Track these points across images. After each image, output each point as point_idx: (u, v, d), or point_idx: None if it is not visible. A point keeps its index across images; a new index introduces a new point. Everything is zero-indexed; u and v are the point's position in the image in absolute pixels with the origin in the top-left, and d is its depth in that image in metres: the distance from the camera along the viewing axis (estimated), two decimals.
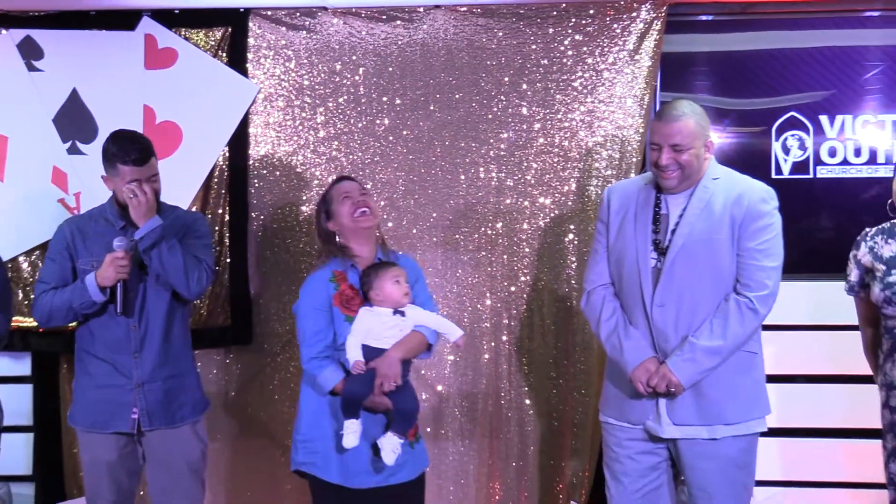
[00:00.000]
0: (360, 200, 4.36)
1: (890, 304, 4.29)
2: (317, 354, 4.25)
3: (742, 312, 4.12)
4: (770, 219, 4.18)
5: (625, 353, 4.21)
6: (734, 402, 4.20)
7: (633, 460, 4.32)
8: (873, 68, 5.46)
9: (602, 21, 5.35)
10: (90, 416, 4.60)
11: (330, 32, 5.49)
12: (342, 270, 4.29)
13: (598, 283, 4.36)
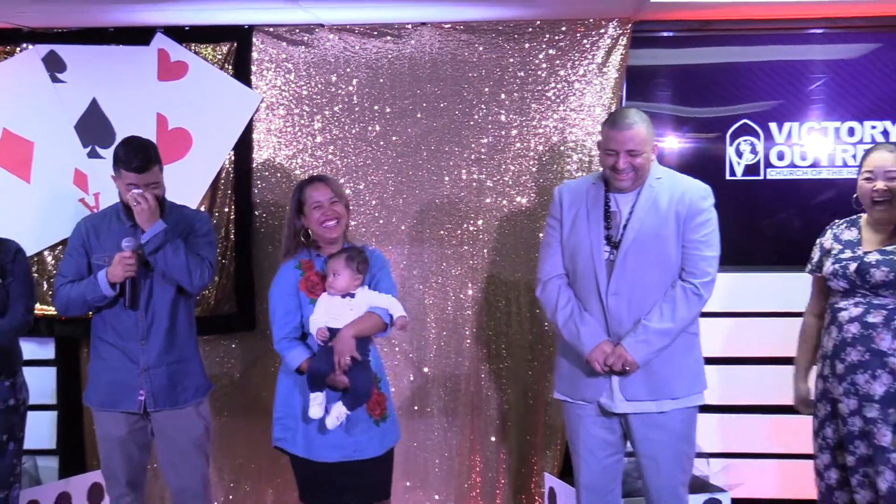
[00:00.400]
0: (329, 211, 4.39)
1: (836, 277, 4.37)
2: (285, 335, 4.37)
3: (688, 297, 4.22)
4: (709, 214, 4.30)
5: (582, 337, 4.27)
6: (679, 379, 4.29)
7: (591, 435, 4.38)
8: (817, 80, 5.50)
9: (573, 37, 5.39)
10: (102, 397, 4.69)
11: (326, 47, 5.52)
12: (308, 259, 4.41)
13: (553, 274, 4.40)
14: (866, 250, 4.39)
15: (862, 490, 4.38)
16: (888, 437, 4.28)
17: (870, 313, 4.34)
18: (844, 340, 4.38)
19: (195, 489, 4.79)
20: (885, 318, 4.31)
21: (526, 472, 5.57)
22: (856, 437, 4.35)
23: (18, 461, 4.77)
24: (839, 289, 4.43)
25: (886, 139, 5.43)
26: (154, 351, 4.64)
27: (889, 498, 4.27)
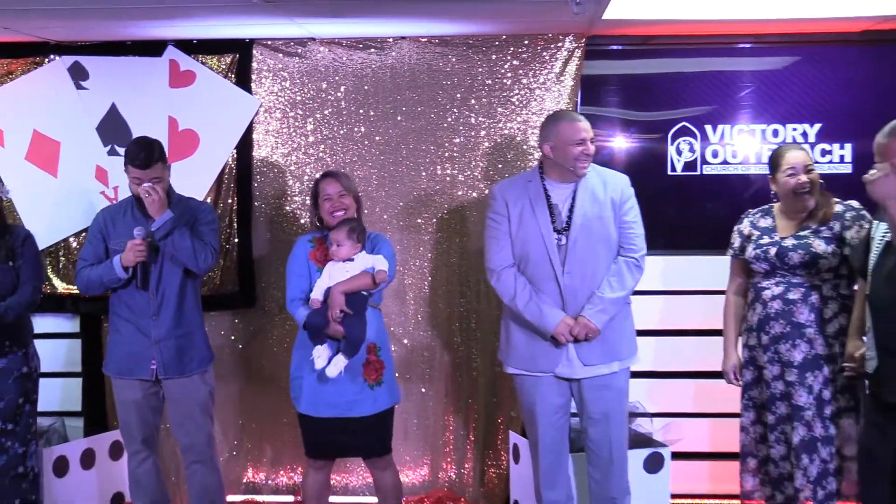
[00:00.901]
0: (337, 203, 4.53)
1: (758, 260, 4.52)
2: (295, 297, 4.52)
3: (631, 268, 4.44)
4: (633, 199, 4.51)
5: (546, 317, 4.36)
6: (623, 343, 4.49)
7: (547, 402, 4.50)
8: (746, 88, 5.54)
9: (534, 49, 5.44)
10: (119, 366, 4.79)
11: (317, 58, 5.56)
12: (321, 237, 4.56)
13: (506, 265, 4.47)
14: (782, 236, 4.51)
15: (778, 445, 4.54)
16: (804, 398, 4.41)
17: (789, 291, 4.47)
18: (768, 315, 4.50)
19: (201, 446, 4.86)
20: (802, 294, 4.45)
21: (493, 430, 5.61)
22: (777, 399, 4.50)
23: (34, 421, 4.86)
24: (761, 270, 4.54)
25: (805, 140, 5.48)
26: (164, 326, 4.71)
27: (799, 448, 4.42)
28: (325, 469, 4.75)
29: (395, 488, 4.77)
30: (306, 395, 4.53)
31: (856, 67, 5.48)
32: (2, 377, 4.71)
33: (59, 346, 5.74)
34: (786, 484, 4.57)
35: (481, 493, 5.63)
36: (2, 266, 4.69)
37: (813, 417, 4.42)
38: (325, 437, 4.56)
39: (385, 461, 4.71)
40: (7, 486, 4.73)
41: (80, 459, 5.36)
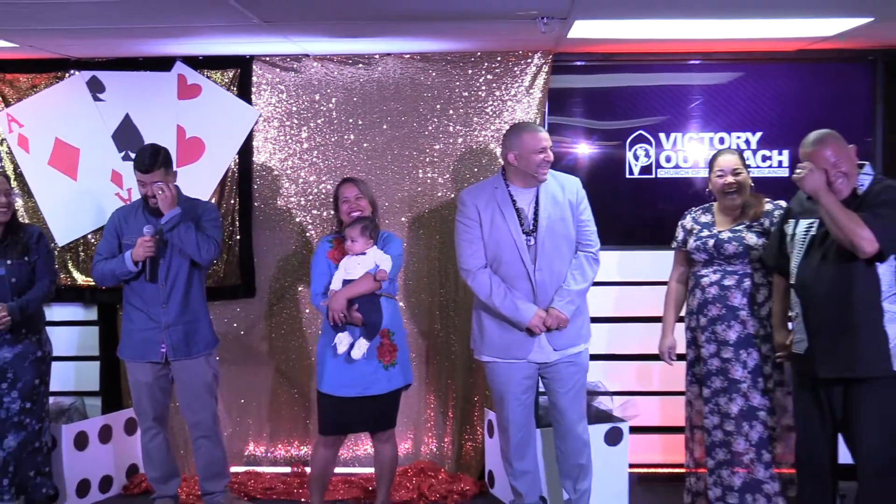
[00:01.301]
0: (354, 205, 4.64)
1: (698, 251, 4.66)
2: (318, 292, 4.63)
3: (590, 262, 4.56)
4: (586, 198, 4.61)
5: (521, 311, 4.43)
6: (584, 327, 4.61)
7: (518, 384, 4.59)
8: (695, 100, 5.62)
9: (506, 65, 5.49)
10: (132, 351, 4.89)
11: (311, 73, 5.58)
12: (339, 237, 4.66)
13: (480, 265, 4.51)
14: (720, 230, 4.65)
15: (711, 416, 4.66)
16: (740, 372, 4.55)
17: (725, 278, 4.61)
18: (706, 300, 4.64)
19: (207, 423, 4.96)
20: (736, 281, 4.59)
21: (469, 408, 5.65)
22: (713, 374, 4.63)
23: (47, 400, 4.98)
24: (700, 260, 4.68)
25: (748, 146, 5.57)
26: (172, 313, 4.80)
27: (738, 417, 4.56)
28: (336, 445, 4.82)
29: (392, 459, 4.87)
30: (328, 377, 4.61)
31: (792, 82, 5.58)
32: (19, 361, 4.82)
33: (79, 333, 5.78)
34: (717, 451, 4.68)
35: (459, 464, 5.67)
36: (19, 261, 4.80)
37: (749, 389, 4.57)
38: (342, 414, 4.64)
39: (388, 434, 4.81)
40: (25, 459, 4.84)
41: (99, 435, 5.40)
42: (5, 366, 4.81)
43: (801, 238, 4.19)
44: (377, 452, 4.88)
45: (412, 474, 5.56)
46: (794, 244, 4.22)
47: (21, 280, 4.82)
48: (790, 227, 4.28)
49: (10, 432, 4.81)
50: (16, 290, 4.80)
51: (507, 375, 4.60)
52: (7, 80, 5.63)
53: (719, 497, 4.69)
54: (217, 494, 5.11)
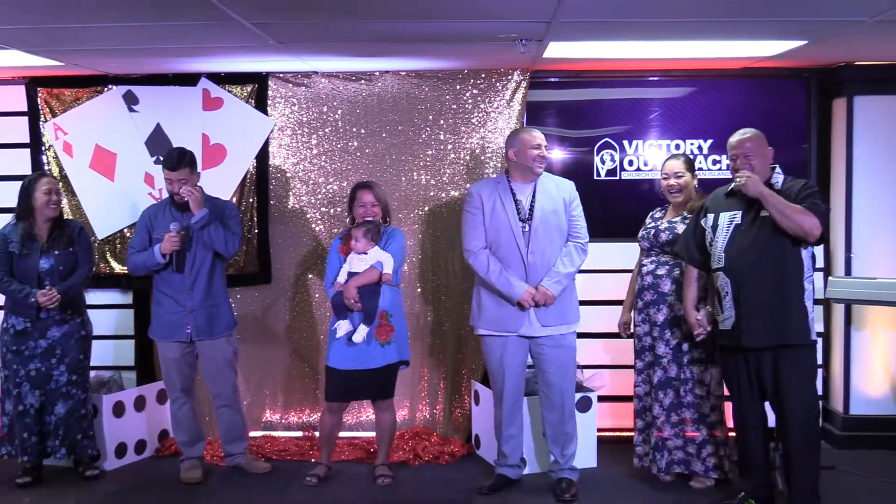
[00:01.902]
0: (369, 211, 4.73)
1: (643, 240, 4.82)
2: (329, 283, 4.73)
3: (578, 250, 4.65)
4: (578, 198, 4.72)
5: (513, 287, 4.54)
6: (570, 310, 4.68)
7: (511, 355, 4.67)
8: (654, 112, 5.65)
9: (490, 81, 5.53)
10: (161, 331, 4.98)
11: (319, 87, 5.61)
12: (349, 234, 4.75)
13: (481, 247, 4.63)
14: (661, 221, 4.78)
15: (643, 384, 4.82)
16: (663, 349, 4.69)
17: (658, 268, 4.74)
18: (644, 286, 4.78)
19: (228, 393, 5.04)
20: (667, 271, 4.72)
21: (458, 379, 5.69)
22: (645, 350, 4.78)
23: (89, 374, 5.05)
24: (644, 248, 4.82)
25: (700, 152, 5.61)
26: (197, 298, 4.86)
27: (658, 386, 4.70)
28: (340, 411, 4.94)
29: (391, 424, 4.98)
30: (333, 353, 4.74)
31: (738, 96, 5.63)
32: (66, 339, 4.91)
33: (116, 315, 5.83)
34: (646, 414, 4.82)
35: (450, 428, 5.70)
36: (65, 251, 4.90)
37: (669, 363, 4.70)
38: (344, 384, 4.74)
39: (387, 403, 4.90)
40: (72, 424, 4.94)
41: (134, 404, 5.43)
42: (54, 343, 4.90)
43: (724, 228, 4.30)
44: (377, 419, 4.97)
45: (408, 437, 5.59)
46: (718, 234, 4.33)
47: (66, 268, 4.91)
48: (709, 221, 4.40)
49: (60, 401, 4.91)
50: (62, 276, 4.89)
51: (501, 348, 4.68)
52: (54, 94, 5.65)
53: (647, 453, 4.84)
54: (237, 456, 5.19)
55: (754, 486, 4.44)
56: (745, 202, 4.27)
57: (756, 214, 4.22)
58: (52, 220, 4.90)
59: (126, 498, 4.82)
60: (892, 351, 5.56)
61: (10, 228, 4.91)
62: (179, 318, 4.90)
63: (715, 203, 4.43)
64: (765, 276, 4.18)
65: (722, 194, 4.42)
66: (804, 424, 4.24)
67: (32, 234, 4.87)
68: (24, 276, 4.85)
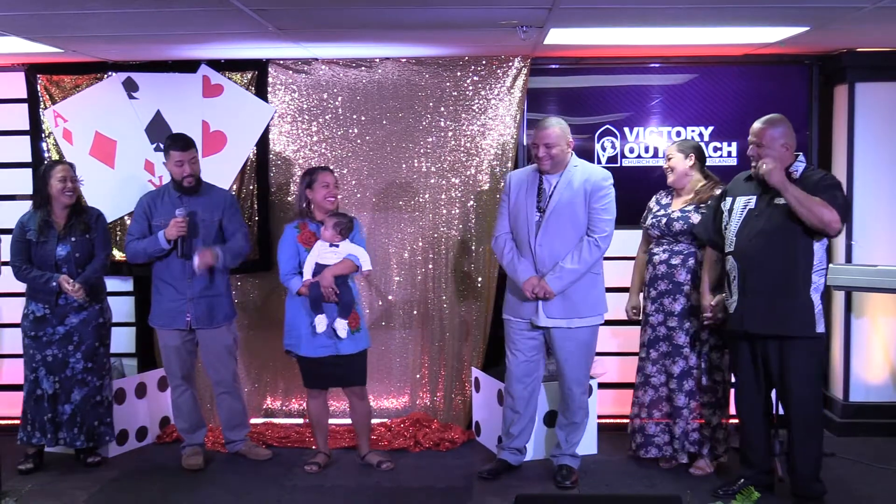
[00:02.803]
0: (332, 191, 4.74)
1: (653, 227, 4.81)
2: (288, 272, 4.74)
3: (590, 247, 4.53)
4: (607, 190, 4.59)
5: (518, 273, 4.58)
6: (584, 304, 4.60)
7: (523, 341, 4.72)
8: (655, 98, 5.63)
9: (490, 68, 5.52)
10: (161, 319, 5.02)
11: (320, 74, 5.59)
12: (304, 222, 4.74)
13: (502, 232, 4.70)
14: (672, 210, 4.77)
15: (658, 375, 4.81)
16: (682, 339, 4.69)
17: (672, 257, 4.73)
18: (657, 275, 4.77)
19: (228, 380, 5.08)
20: (682, 260, 4.71)
21: (459, 366, 5.71)
22: (660, 340, 4.77)
23: (107, 360, 5.09)
24: (654, 236, 4.80)
25: (702, 139, 5.57)
26: (197, 287, 4.89)
27: (679, 377, 4.70)
28: (322, 396, 4.97)
29: (367, 414, 5.03)
30: (305, 342, 4.77)
31: (740, 82, 5.61)
32: (83, 326, 4.94)
33: (117, 302, 5.72)
34: (663, 404, 4.83)
35: (450, 415, 5.72)
36: (82, 238, 4.92)
37: (689, 353, 4.71)
38: (319, 371, 4.80)
39: (362, 391, 4.95)
40: (88, 410, 4.97)
41: (135, 391, 5.44)
42: (72, 330, 4.94)
43: (738, 212, 4.31)
44: (353, 406, 5.02)
45: (409, 424, 5.61)
46: (732, 218, 4.34)
47: (83, 255, 4.94)
48: (727, 204, 4.41)
49: (76, 388, 4.95)
50: (79, 263, 4.92)
51: (514, 333, 4.73)
52: (53, 80, 5.63)
53: (667, 443, 4.85)
54: (238, 442, 5.22)
55: (754, 472, 4.46)
56: (760, 187, 4.27)
57: (770, 201, 4.21)
58: (70, 206, 4.93)
59: (127, 484, 4.85)
60: (891, 338, 5.56)
61: (29, 216, 4.96)
62: (179, 305, 4.92)
63: (735, 187, 4.44)
64: (770, 263, 4.19)
65: (742, 178, 4.43)
66: (807, 414, 4.26)
67: (50, 222, 4.90)
68: (41, 264, 4.89)
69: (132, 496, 4.68)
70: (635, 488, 4.70)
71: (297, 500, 4.60)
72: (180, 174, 4.85)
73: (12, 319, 5.69)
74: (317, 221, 4.80)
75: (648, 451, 4.92)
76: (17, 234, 4.92)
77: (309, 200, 4.81)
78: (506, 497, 4.48)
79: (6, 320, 5.89)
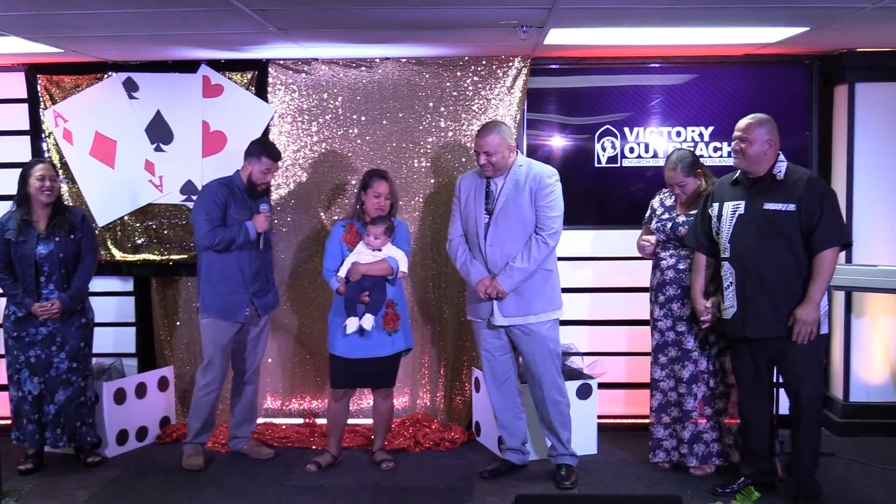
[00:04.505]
0: (383, 203, 4.73)
1: (658, 231, 4.76)
2: (330, 269, 4.76)
3: (539, 245, 4.52)
4: (552, 188, 4.54)
5: (471, 275, 4.63)
6: (538, 301, 4.61)
7: (487, 341, 4.75)
8: (655, 98, 5.63)
9: (490, 68, 5.52)
10: (222, 312, 4.95)
11: (320, 74, 5.59)
12: (352, 222, 4.78)
13: (455, 235, 4.75)
14: (677, 213, 4.75)
15: (667, 379, 4.79)
16: (691, 343, 4.68)
17: (680, 262, 4.71)
18: (665, 280, 4.74)
19: (255, 370, 5.21)
20: (689, 264, 4.67)
21: (458, 367, 5.71)
22: (669, 345, 4.74)
23: (90, 361, 5.07)
24: (660, 240, 4.76)
25: (702, 139, 5.59)
26: (258, 284, 5.01)
27: (689, 381, 4.68)
28: (345, 398, 4.97)
29: (389, 413, 5.05)
30: (341, 341, 4.77)
31: (740, 82, 5.61)
32: (67, 326, 4.93)
33: (117, 302, 5.83)
34: (672, 409, 4.81)
35: (450, 415, 5.73)
36: (66, 238, 4.90)
37: (699, 357, 4.70)
38: (351, 371, 4.79)
39: (388, 391, 4.97)
40: (72, 411, 4.96)
41: (135, 391, 5.43)
42: (55, 331, 4.92)
43: (728, 217, 4.30)
44: (376, 406, 5.01)
45: (409, 424, 5.61)
46: (723, 223, 4.33)
47: (67, 255, 4.91)
48: (714, 210, 4.40)
49: (60, 388, 4.93)
50: (63, 263, 4.89)
51: (479, 333, 4.79)
52: (54, 81, 5.63)
53: (675, 447, 4.83)
54: (242, 440, 5.24)
55: (755, 472, 4.46)
56: (747, 192, 4.27)
57: (761, 206, 4.21)
58: (50, 206, 4.90)
59: (127, 484, 4.85)
60: (891, 338, 5.56)
61: (8, 216, 4.93)
62: (241, 298, 4.95)
63: (720, 191, 4.44)
64: (769, 269, 4.19)
65: (727, 182, 4.42)
66: (809, 415, 4.26)
67: (29, 221, 4.87)
68: (21, 263, 4.87)
69: (132, 496, 4.68)
70: (635, 488, 4.70)
71: (297, 500, 4.60)
72: (263, 180, 4.93)
73: None
74: (365, 223, 4.82)
75: (656, 454, 4.91)
76: None
77: (363, 202, 4.83)
78: (506, 497, 4.48)
79: None
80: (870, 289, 5.17)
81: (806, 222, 4.13)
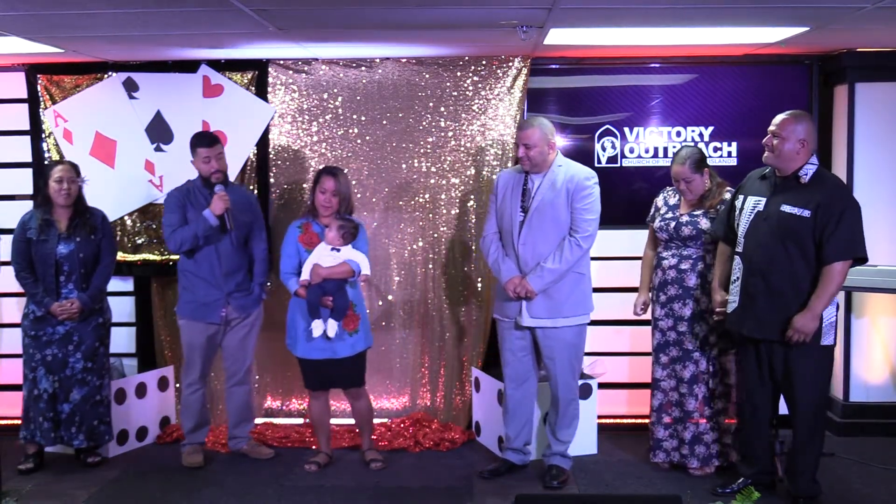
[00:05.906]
0: (327, 200, 4.72)
1: (661, 231, 4.76)
2: (287, 271, 4.76)
3: (572, 247, 4.51)
4: (590, 190, 4.55)
5: (502, 272, 4.60)
6: (568, 304, 4.59)
7: (511, 341, 4.73)
8: (655, 98, 5.62)
9: (490, 68, 5.52)
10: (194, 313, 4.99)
11: (320, 74, 5.60)
12: (308, 222, 4.76)
13: (490, 232, 4.73)
14: (681, 213, 4.74)
15: (668, 379, 4.79)
16: (692, 344, 4.67)
17: (682, 262, 4.70)
18: (666, 280, 4.74)
19: (244, 372, 5.19)
20: (691, 265, 4.68)
21: (459, 366, 5.71)
22: (670, 345, 4.74)
23: (107, 360, 5.10)
24: (663, 239, 4.78)
25: (702, 139, 5.59)
26: (233, 284, 5.00)
27: (690, 381, 4.69)
28: (323, 397, 4.98)
29: (367, 412, 5.03)
30: (302, 345, 4.79)
31: (739, 82, 5.60)
32: (83, 326, 4.95)
33: (117, 302, 5.71)
34: (673, 409, 4.81)
35: (450, 415, 5.73)
36: (87, 239, 4.94)
37: (700, 357, 4.70)
38: (317, 373, 4.82)
39: (360, 391, 4.95)
40: (88, 410, 4.98)
41: (135, 391, 5.43)
42: (72, 330, 4.95)
43: (748, 212, 4.29)
44: (353, 407, 5.04)
45: (409, 424, 5.62)
46: (742, 217, 4.32)
47: (87, 255, 4.95)
48: (739, 202, 4.38)
49: (75, 387, 4.96)
50: (83, 263, 4.93)
51: (503, 333, 4.76)
52: (54, 80, 5.63)
53: (675, 448, 4.84)
54: (241, 440, 5.24)
55: (755, 472, 4.46)
56: (770, 190, 4.23)
57: (778, 206, 4.17)
58: (71, 206, 4.94)
59: (127, 484, 4.85)
60: (891, 338, 5.56)
61: (30, 215, 4.98)
62: (215, 300, 4.96)
63: (749, 184, 4.41)
64: (772, 272, 4.17)
65: (757, 176, 4.39)
66: (810, 420, 4.25)
67: (50, 221, 4.92)
68: (41, 262, 4.90)
69: (132, 496, 4.68)
70: (635, 488, 4.71)
71: (297, 500, 4.60)
72: (208, 170, 4.89)
73: (12, 319, 5.74)
74: (321, 223, 4.80)
75: (657, 454, 4.92)
76: (18, 233, 4.93)
77: (314, 199, 4.84)
78: (506, 497, 4.48)
79: (6, 320, 5.90)
80: (870, 289, 5.17)
81: (818, 231, 4.06)
